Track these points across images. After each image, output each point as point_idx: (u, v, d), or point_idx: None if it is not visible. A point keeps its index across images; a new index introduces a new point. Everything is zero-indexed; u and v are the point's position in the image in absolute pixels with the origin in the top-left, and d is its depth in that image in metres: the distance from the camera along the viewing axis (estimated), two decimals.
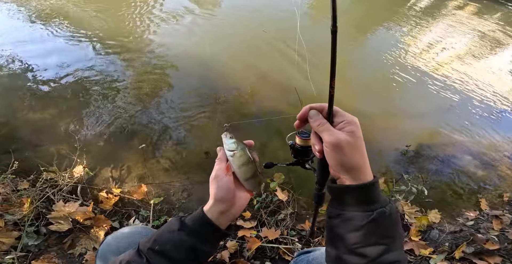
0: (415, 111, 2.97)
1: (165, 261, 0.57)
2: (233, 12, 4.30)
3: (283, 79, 2.96)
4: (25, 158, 1.89)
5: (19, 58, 2.75)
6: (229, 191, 0.64)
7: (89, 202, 1.71)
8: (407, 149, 2.44)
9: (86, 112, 2.32)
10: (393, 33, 4.58)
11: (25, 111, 2.23)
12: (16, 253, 1.28)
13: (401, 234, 0.59)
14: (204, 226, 0.61)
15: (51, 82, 2.55)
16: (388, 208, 0.56)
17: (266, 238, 1.73)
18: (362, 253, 0.56)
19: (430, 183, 2.26)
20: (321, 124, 0.59)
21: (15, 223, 1.49)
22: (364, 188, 0.56)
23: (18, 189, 1.72)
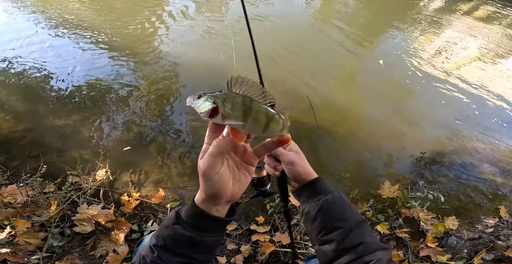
0: (429, 118, 2.88)
1: (171, 255, 0.54)
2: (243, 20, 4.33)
3: (293, 86, 2.93)
4: (52, 162, 1.96)
5: (44, 67, 2.86)
6: (221, 188, 0.53)
7: (110, 205, 1.75)
8: (422, 156, 2.37)
9: (106, 119, 2.39)
10: (405, 37, 4.48)
11: (50, 117, 2.32)
12: (41, 253, 1.31)
13: (353, 216, 0.71)
14: (200, 218, 0.55)
15: (74, 90, 2.65)
16: (330, 197, 0.72)
17: (279, 242, 1.72)
18: (328, 239, 0.68)
19: (447, 190, 2.18)
20: (279, 151, 0.78)
21: (42, 224, 1.54)
22: (312, 184, 0.76)
23: (45, 191, 1.78)
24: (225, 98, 0.44)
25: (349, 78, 3.34)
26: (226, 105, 0.43)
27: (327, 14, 4.90)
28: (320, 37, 4.04)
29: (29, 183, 1.81)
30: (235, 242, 1.69)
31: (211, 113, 0.44)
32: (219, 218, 0.55)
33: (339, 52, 3.76)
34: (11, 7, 3.88)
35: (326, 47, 3.83)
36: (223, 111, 0.44)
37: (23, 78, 2.69)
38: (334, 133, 2.46)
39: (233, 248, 1.66)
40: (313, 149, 2.31)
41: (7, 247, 1.30)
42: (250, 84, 0.44)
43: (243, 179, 0.57)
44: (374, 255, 0.65)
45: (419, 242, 1.85)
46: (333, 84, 3.11)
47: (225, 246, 1.66)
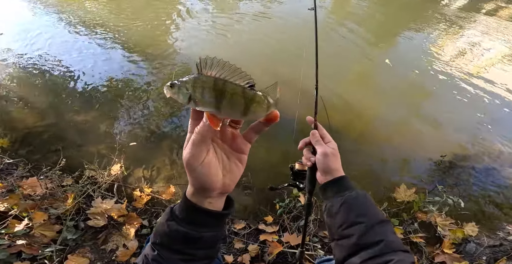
0: (450, 120, 2.73)
1: (172, 254, 0.51)
2: (254, 19, 4.24)
3: (305, 85, 2.85)
4: (70, 156, 2.02)
5: (65, 65, 2.94)
6: (208, 180, 0.48)
7: (123, 200, 1.78)
8: (441, 159, 2.24)
9: (122, 115, 2.44)
10: (424, 37, 4.26)
11: (71, 113, 2.39)
12: (55, 246, 1.35)
13: (376, 214, 0.71)
14: (192, 212, 0.51)
15: (93, 87, 2.71)
16: (354, 193, 0.75)
17: (287, 243, 1.69)
18: (348, 233, 0.69)
19: (467, 195, 2.07)
20: (318, 140, 0.87)
21: (58, 217, 1.59)
22: (337, 180, 0.80)
23: (63, 184, 1.84)
24: (194, 83, 0.41)
25: (364, 79, 3.24)
26: (197, 90, 0.40)
27: (340, 14, 4.72)
28: (333, 37, 3.91)
29: (48, 175, 1.88)
30: (243, 241, 1.68)
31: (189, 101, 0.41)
32: (212, 211, 0.51)
33: (354, 52, 3.64)
34: (33, 7, 4.00)
35: (339, 47, 3.71)
36: (193, 97, 0.41)
37: (46, 76, 2.79)
38: (347, 134, 2.38)
39: (240, 247, 1.65)
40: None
41: (23, 239, 1.35)
42: (222, 65, 0.40)
43: (235, 169, 0.52)
44: (395, 254, 0.63)
45: (435, 248, 1.78)
46: (347, 85, 3.01)
47: (232, 244, 1.66)
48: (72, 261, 1.34)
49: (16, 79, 2.70)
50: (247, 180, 1.96)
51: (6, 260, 1.22)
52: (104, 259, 1.41)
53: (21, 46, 3.11)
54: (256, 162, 2.07)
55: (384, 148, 2.33)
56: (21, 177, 1.87)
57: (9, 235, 1.36)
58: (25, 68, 2.83)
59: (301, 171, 0.95)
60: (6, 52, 3.00)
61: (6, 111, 2.36)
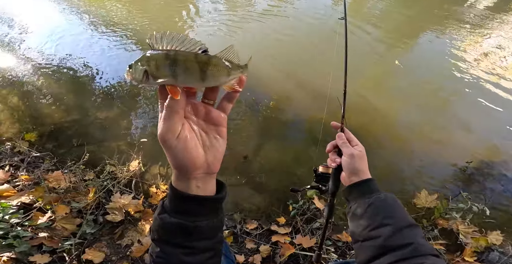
0: (476, 125, 2.54)
1: (173, 248, 0.48)
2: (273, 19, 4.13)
3: (322, 87, 2.73)
4: (93, 151, 2.08)
5: (90, 64, 3.02)
6: (188, 156, 0.45)
7: (140, 196, 1.81)
8: (467, 165, 2.10)
9: (142, 113, 2.49)
10: (448, 39, 3.95)
11: (94, 110, 2.47)
12: (75, 239, 1.40)
13: (405, 217, 0.68)
14: (180, 200, 0.47)
15: (115, 86, 2.77)
16: (383, 195, 0.72)
17: (300, 245, 1.66)
18: (374, 235, 0.65)
19: (494, 203, 1.93)
20: (344, 142, 0.86)
21: (79, 210, 1.64)
22: (364, 182, 0.77)
23: (85, 179, 1.90)
24: (148, 58, 0.40)
25: (382, 80, 3.10)
26: (151, 64, 0.40)
27: (358, 15, 4.48)
28: (350, 37, 3.68)
29: (72, 169, 1.95)
30: (254, 241, 1.67)
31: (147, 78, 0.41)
32: (200, 196, 0.47)
33: (371, 53, 3.45)
34: (61, 8, 4.12)
35: (357, 47, 3.51)
36: (150, 72, 0.40)
37: (72, 74, 2.88)
38: (364, 136, 2.26)
39: (252, 247, 1.64)
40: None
41: (45, 232, 1.40)
42: (172, 37, 0.40)
43: (216, 143, 0.49)
44: (425, 258, 0.59)
45: (455, 256, 1.68)
46: (364, 86, 2.86)
47: (244, 244, 1.64)
48: (89, 255, 1.38)
49: (45, 78, 2.81)
50: (261, 180, 1.93)
51: (28, 252, 1.27)
52: (119, 254, 1.44)
53: (48, 46, 3.22)
54: (270, 162, 2.04)
55: (405, 152, 2.22)
56: (47, 170, 1.95)
57: (32, 227, 1.42)
58: (52, 67, 2.94)
59: (324, 173, 0.94)
60: (35, 52, 3.13)
61: (35, 108, 2.47)
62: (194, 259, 0.49)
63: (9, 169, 1.88)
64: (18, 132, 2.19)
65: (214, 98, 0.50)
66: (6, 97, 2.56)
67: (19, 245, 1.28)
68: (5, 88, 2.66)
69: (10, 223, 1.41)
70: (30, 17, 3.78)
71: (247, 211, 1.79)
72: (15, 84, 2.71)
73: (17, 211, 1.51)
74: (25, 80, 2.76)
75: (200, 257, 0.49)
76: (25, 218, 1.47)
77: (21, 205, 1.56)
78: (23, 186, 1.77)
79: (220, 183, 0.53)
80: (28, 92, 2.63)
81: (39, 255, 1.28)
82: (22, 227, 1.40)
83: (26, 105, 2.49)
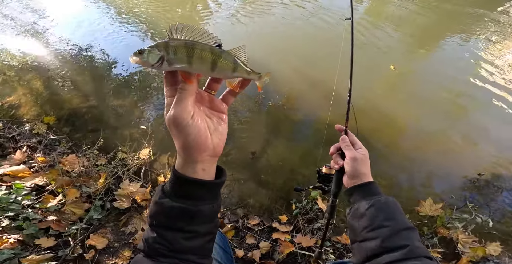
0: (494, 137, 2.33)
1: (173, 233, 0.46)
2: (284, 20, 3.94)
3: (332, 89, 2.58)
4: (107, 137, 2.04)
5: (109, 54, 2.95)
6: (200, 135, 0.44)
7: (148, 184, 1.76)
8: (478, 178, 1.96)
9: (155, 103, 2.42)
10: (471, 46, 3.60)
11: (111, 98, 2.42)
12: (81, 224, 1.36)
13: (403, 220, 0.66)
14: (186, 185, 0.46)
15: (132, 75, 2.70)
16: (383, 198, 0.69)
17: (299, 244, 1.59)
18: (372, 236, 0.64)
19: (499, 216, 1.81)
20: (347, 145, 0.82)
21: (89, 195, 1.60)
22: (366, 185, 0.74)
23: (97, 164, 1.86)
24: (166, 44, 0.41)
25: (396, 85, 2.87)
26: (169, 50, 0.41)
27: (376, 18, 4.16)
28: (368, 39, 3.47)
29: (86, 154, 1.91)
30: (255, 237, 1.60)
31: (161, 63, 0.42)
32: (205, 181, 0.46)
33: (388, 56, 3.21)
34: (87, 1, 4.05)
35: (373, 49, 3.31)
36: (167, 57, 0.41)
37: (93, 62, 2.83)
38: (375, 141, 2.14)
39: (252, 242, 1.58)
40: None
41: (54, 215, 1.37)
42: (192, 29, 0.42)
43: (219, 127, 0.49)
44: (420, 260, 0.58)
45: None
46: (379, 90, 2.70)
47: (244, 239, 1.58)
48: (93, 240, 1.34)
49: (67, 65, 2.77)
50: (266, 177, 1.85)
51: (34, 235, 1.24)
52: (122, 241, 1.40)
53: (72, 35, 3.17)
54: (276, 160, 1.95)
55: (415, 160, 2.07)
56: (62, 153, 1.92)
57: (42, 210, 1.39)
58: (74, 55, 2.90)
59: (327, 174, 0.91)
60: (59, 41, 3.09)
61: (56, 92, 2.44)
62: (194, 243, 0.47)
63: (26, 149, 1.86)
64: (38, 115, 2.17)
65: (216, 90, 0.51)
66: (30, 81, 2.54)
67: (28, 228, 1.25)
68: (30, 73, 2.64)
69: (22, 204, 1.39)
70: (58, 7, 3.75)
71: (250, 206, 1.72)
72: (39, 69, 2.68)
73: (30, 192, 1.49)
74: (48, 66, 2.73)
75: (200, 241, 0.48)
76: (37, 201, 1.44)
77: (34, 187, 1.54)
78: (38, 168, 1.74)
79: (220, 168, 0.51)
80: (50, 78, 2.60)
81: (44, 238, 1.25)
82: (32, 209, 1.37)
83: (48, 90, 2.46)
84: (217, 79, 0.50)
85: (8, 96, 2.36)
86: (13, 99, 2.34)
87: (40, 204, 1.42)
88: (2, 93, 2.38)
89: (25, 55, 2.84)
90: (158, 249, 0.45)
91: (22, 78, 2.57)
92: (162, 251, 0.45)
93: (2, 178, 1.57)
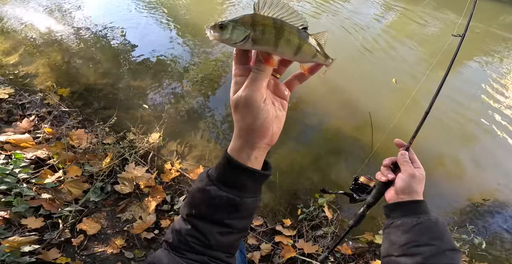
0: (501, 165, 2.09)
1: (210, 225, 0.40)
2: None
3: (353, 100, 2.34)
4: (118, 116, 1.83)
5: (130, 38, 2.73)
6: (268, 120, 0.39)
7: (153, 170, 1.56)
8: (482, 203, 1.78)
9: (172, 88, 2.22)
10: (493, 71, 3.27)
11: (128, 78, 2.21)
12: (75, 206, 1.16)
13: (450, 242, 0.59)
14: (236, 173, 0.40)
15: (151, 59, 2.49)
16: (434, 218, 0.61)
17: (301, 250, 1.39)
18: (414, 252, 0.57)
19: (493, 239, 1.66)
20: (407, 161, 0.70)
21: (91, 175, 1.40)
22: (417, 202, 0.65)
23: (105, 142, 1.66)
24: (253, 21, 0.33)
25: (416, 103, 2.52)
26: (257, 28, 0.33)
27: (401, 32, 3.79)
28: (391, 54, 3.16)
29: (95, 130, 1.71)
30: (257, 238, 1.41)
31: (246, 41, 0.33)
32: (255, 171, 0.40)
33: (411, 72, 2.87)
34: None
35: (397, 64, 2.99)
36: (253, 36, 0.33)
37: (113, 43, 2.63)
38: (387, 156, 1.88)
39: (253, 243, 1.39)
40: (358, 167, 1.83)
41: (49, 193, 1.17)
42: (281, 6, 0.34)
43: (280, 114, 0.42)
44: None
45: None
46: (398, 107, 2.35)
47: (246, 239, 1.39)
48: (85, 224, 1.15)
49: (88, 42, 2.57)
50: (274, 178, 1.64)
51: (22, 214, 1.04)
52: (116, 228, 1.20)
53: (97, 17, 2.95)
54: (286, 163, 1.75)
55: None
56: (72, 127, 1.72)
57: (38, 186, 1.19)
58: (96, 34, 2.69)
59: (364, 185, 0.83)
60: (84, 21, 2.87)
61: (75, 67, 2.25)
62: (228, 239, 0.42)
63: (34, 118, 1.65)
64: (53, 86, 1.96)
65: (281, 73, 0.44)
66: (51, 54, 2.34)
67: (18, 205, 1.06)
68: (52, 46, 2.43)
69: (17, 177, 1.19)
70: None
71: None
72: (61, 44, 2.48)
73: (29, 165, 1.29)
74: (70, 42, 2.53)
75: (234, 237, 0.43)
76: (34, 175, 1.24)
77: (34, 159, 1.34)
78: (43, 139, 1.54)
79: (266, 162, 0.44)
80: (70, 53, 2.40)
81: (32, 218, 1.05)
82: (27, 184, 1.17)
83: (67, 64, 2.26)
84: (286, 62, 0.42)
85: (27, 66, 2.15)
86: (30, 69, 2.14)
87: (37, 179, 1.22)
88: (21, 63, 2.18)
89: (50, 30, 2.64)
90: (190, 243, 0.40)
91: (44, 51, 2.37)
92: (194, 245, 0.40)
93: (3, 145, 1.38)
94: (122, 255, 1.12)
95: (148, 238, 1.22)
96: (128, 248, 1.17)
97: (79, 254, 1.05)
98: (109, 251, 1.10)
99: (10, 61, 2.18)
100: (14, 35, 2.49)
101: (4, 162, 1.25)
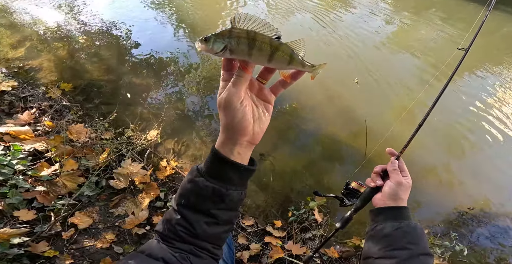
0: (491, 176, 2.06)
1: (198, 215, 0.42)
2: None
3: (350, 108, 2.30)
4: (118, 113, 1.81)
5: (136, 36, 2.71)
6: (245, 119, 0.41)
7: (149, 167, 1.54)
8: (467, 211, 1.77)
9: (173, 87, 2.20)
10: (496, 80, 3.17)
11: (130, 75, 2.19)
12: (69, 199, 1.14)
13: (425, 247, 0.61)
14: (221, 166, 0.42)
15: (155, 58, 2.47)
16: (414, 223, 0.64)
17: (289, 251, 1.37)
18: (391, 255, 0.59)
19: (474, 247, 1.64)
20: (396, 169, 0.72)
21: (87, 169, 1.38)
22: (400, 208, 0.68)
23: (103, 137, 1.64)
24: (230, 34, 0.38)
25: (413, 115, 2.25)
26: (232, 40, 0.38)
27: (405, 39, 3.73)
28: (392, 62, 3.12)
29: (94, 125, 1.70)
30: (247, 237, 1.40)
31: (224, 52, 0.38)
32: (240, 164, 0.43)
33: (413, 81, 2.80)
34: None
35: (399, 73, 2.91)
36: (230, 46, 0.38)
37: (118, 40, 2.60)
38: (379, 164, 1.85)
39: (243, 243, 1.37)
40: (350, 173, 1.82)
41: (44, 186, 1.15)
42: (254, 20, 0.38)
43: (263, 117, 0.45)
44: None
45: None
46: (395, 116, 2.30)
47: (236, 238, 1.37)
48: (77, 218, 1.13)
49: (93, 39, 2.54)
50: (267, 180, 1.63)
51: (16, 205, 1.02)
52: (107, 223, 1.18)
53: (104, 13, 2.93)
54: (281, 166, 1.73)
55: (413, 187, 1.81)
56: (72, 121, 1.70)
57: (33, 178, 1.17)
58: (102, 31, 2.67)
59: (355, 190, 0.83)
60: (92, 16, 2.85)
61: (80, 62, 2.23)
62: (213, 230, 0.44)
63: (35, 111, 1.64)
64: (55, 81, 1.94)
65: (267, 79, 0.46)
66: (56, 48, 2.32)
67: (12, 196, 1.04)
68: (57, 41, 2.42)
69: (14, 168, 1.17)
70: None
71: (247, 207, 1.50)
72: (67, 39, 2.47)
73: (26, 157, 1.27)
74: (75, 38, 2.51)
75: (219, 229, 0.45)
76: (30, 167, 1.22)
77: (32, 152, 1.32)
78: (43, 132, 1.52)
79: (252, 159, 0.47)
80: (76, 48, 2.39)
81: (25, 210, 1.03)
82: (23, 176, 1.15)
83: (71, 60, 2.24)
84: (270, 70, 0.45)
85: (32, 60, 2.13)
86: (35, 63, 2.12)
87: (33, 171, 1.20)
88: (26, 57, 2.16)
89: (57, 25, 2.63)
90: (178, 232, 0.42)
91: (49, 45, 2.35)
92: (182, 234, 0.42)
93: (3, 137, 1.36)
94: (112, 250, 1.10)
95: (139, 234, 1.20)
96: (118, 243, 1.15)
97: (68, 247, 1.03)
98: (98, 245, 1.08)
99: (16, 55, 2.17)
100: (21, 29, 2.47)
101: (2, 153, 1.23)
